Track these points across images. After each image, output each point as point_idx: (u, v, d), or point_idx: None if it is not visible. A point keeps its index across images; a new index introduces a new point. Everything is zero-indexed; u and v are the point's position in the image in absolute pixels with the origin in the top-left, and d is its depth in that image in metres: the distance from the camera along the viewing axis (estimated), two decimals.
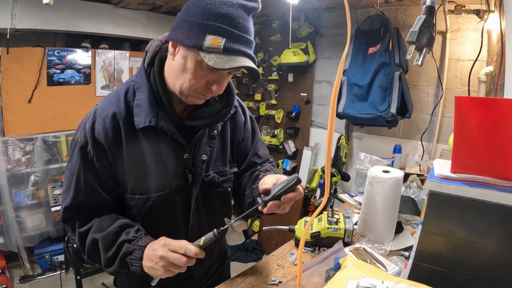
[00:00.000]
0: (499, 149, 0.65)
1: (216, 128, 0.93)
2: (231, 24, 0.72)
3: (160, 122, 0.82)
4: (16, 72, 2.43)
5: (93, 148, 0.81)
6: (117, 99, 0.84)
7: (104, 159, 0.83)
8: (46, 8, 2.14)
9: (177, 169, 0.88)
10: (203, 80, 0.77)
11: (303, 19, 2.81)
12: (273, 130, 3.35)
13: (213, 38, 0.70)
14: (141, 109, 0.82)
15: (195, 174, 0.91)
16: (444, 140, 2.26)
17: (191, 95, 0.80)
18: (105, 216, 0.86)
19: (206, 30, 0.70)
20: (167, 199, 0.88)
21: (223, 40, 0.70)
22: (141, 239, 0.80)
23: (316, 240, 1.14)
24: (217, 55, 0.71)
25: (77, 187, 0.83)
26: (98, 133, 0.81)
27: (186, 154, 0.88)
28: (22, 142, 2.54)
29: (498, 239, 0.66)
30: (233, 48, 0.72)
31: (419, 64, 0.89)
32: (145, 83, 0.83)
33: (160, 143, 0.85)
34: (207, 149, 0.92)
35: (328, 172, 0.65)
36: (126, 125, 0.82)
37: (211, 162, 0.94)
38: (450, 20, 2.12)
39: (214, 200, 0.97)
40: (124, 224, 0.83)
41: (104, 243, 0.81)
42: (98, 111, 0.83)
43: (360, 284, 0.68)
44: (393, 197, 1.16)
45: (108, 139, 0.81)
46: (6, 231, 2.51)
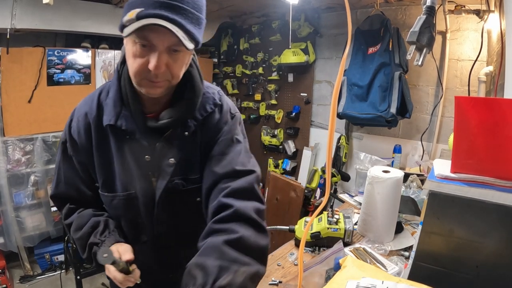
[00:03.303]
0: (499, 149, 0.65)
1: (188, 129, 0.84)
2: None
3: (119, 121, 0.80)
4: (16, 72, 2.42)
5: (70, 145, 0.87)
6: (92, 99, 0.86)
7: (79, 156, 0.87)
8: (46, 8, 2.14)
9: (140, 171, 0.84)
10: (140, 60, 0.72)
11: (303, 19, 2.81)
12: (273, 130, 3.35)
13: (130, 12, 0.68)
14: (108, 108, 0.82)
15: (159, 178, 0.85)
16: (444, 140, 2.26)
17: (140, 84, 0.76)
18: (83, 212, 0.91)
19: (129, 8, 0.69)
20: (132, 200, 0.87)
21: (139, 10, 0.67)
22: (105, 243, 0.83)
23: (316, 240, 1.15)
24: (131, 26, 0.67)
25: (59, 179, 0.92)
26: (73, 131, 0.85)
27: (147, 156, 0.83)
28: (22, 142, 2.54)
29: (498, 239, 0.67)
30: (145, 13, 0.66)
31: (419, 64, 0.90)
32: (115, 82, 0.83)
33: (124, 143, 0.83)
34: (176, 152, 0.84)
35: (329, 172, 0.65)
36: (96, 124, 0.83)
37: (180, 167, 0.85)
38: (450, 20, 2.12)
39: (178, 208, 0.89)
40: (96, 223, 0.87)
41: (79, 244, 0.88)
42: (76, 110, 0.88)
43: (360, 284, 0.68)
44: (393, 197, 1.16)
45: (81, 137, 0.85)
46: (6, 231, 2.50)
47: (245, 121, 3.59)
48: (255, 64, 3.41)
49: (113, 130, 0.82)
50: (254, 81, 3.45)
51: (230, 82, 3.69)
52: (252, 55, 3.40)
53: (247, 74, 3.49)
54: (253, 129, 3.58)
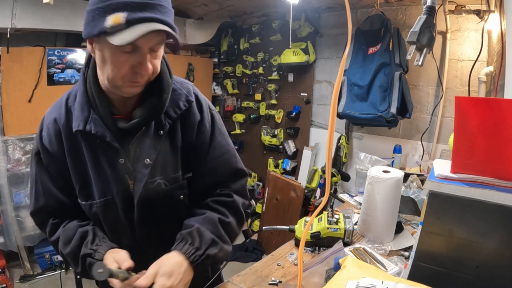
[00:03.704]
0: (499, 149, 0.65)
1: (163, 128, 0.82)
2: None
3: (88, 125, 0.77)
4: (16, 72, 2.43)
5: (43, 154, 0.83)
6: (60, 105, 0.83)
7: (54, 164, 0.83)
8: (47, 7, 2.14)
9: (115, 175, 0.82)
10: (126, 65, 0.70)
11: (303, 19, 2.81)
12: (273, 130, 3.35)
13: (113, 16, 0.64)
14: (76, 113, 0.79)
15: (135, 180, 0.82)
16: (444, 140, 2.26)
17: (121, 85, 0.74)
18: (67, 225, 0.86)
19: (105, 11, 0.65)
20: (110, 206, 0.84)
21: (124, 14, 0.64)
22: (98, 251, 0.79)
23: (316, 240, 1.15)
24: (121, 32, 0.64)
25: (37, 193, 0.86)
26: (44, 140, 0.82)
27: (121, 159, 0.81)
28: (22, 142, 2.54)
29: (498, 239, 0.66)
30: (136, 18, 0.64)
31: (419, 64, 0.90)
32: (81, 86, 0.80)
33: (96, 148, 0.80)
34: (152, 152, 0.82)
35: (329, 172, 0.65)
36: (66, 130, 0.81)
37: (158, 167, 0.84)
38: (450, 20, 2.12)
39: (163, 209, 0.87)
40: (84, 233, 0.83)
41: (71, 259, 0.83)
42: (45, 118, 0.85)
43: (360, 284, 0.68)
44: (393, 197, 1.16)
45: (52, 145, 0.82)
46: (6, 230, 2.51)
47: (245, 121, 3.60)
48: (255, 64, 3.42)
49: (84, 136, 0.79)
50: (254, 81, 3.45)
51: (230, 82, 3.69)
52: (252, 55, 3.40)
53: (247, 74, 3.49)
54: (253, 129, 3.58)
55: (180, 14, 3.07)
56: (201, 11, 2.94)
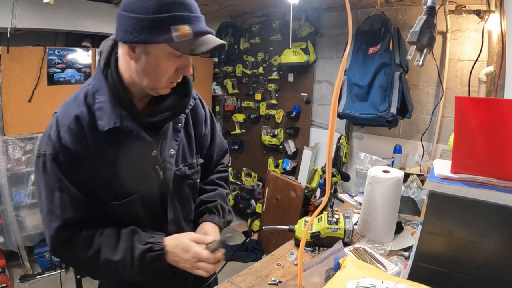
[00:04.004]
0: (499, 150, 0.65)
1: (180, 121, 0.93)
2: (187, 9, 0.72)
3: (124, 122, 0.79)
4: (16, 71, 2.43)
5: (65, 157, 0.77)
6: (77, 104, 0.80)
7: (77, 166, 0.79)
8: (47, 7, 2.14)
9: (148, 168, 0.87)
10: (173, 68, 0.78)
11: (304, 19, 2.81)
12: (273, 130, 3.35)
13: (180, 28, 0.70)
14: (104, 111, 0.78)
15: (165, 169, 0.90)
16: (444, 140, 2.26)
17: (162, 87, 0.81)
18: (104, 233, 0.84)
19: (168, 22, 0.70)
20: (144, 199, 0.87)
21: (189, 27, 0.71)
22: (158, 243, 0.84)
23: (316, 240, 1.15)
24: (189, 42, 0.72)
25: (62, 202, 0.78)
26: (65, 141, 0.77)
27: (154, 151, 0.86)
28: (22, 142, 2.54)
29: (498, 239, 0.67)
30: (200, 31, 0.73)
31: (419, 64, 0.90)
32: (104, 85, 0.80)
33: (126, 144, 0.82)
34: (174, 143, 0.91)
35: (329, 172, 0.65)
36: (90, 129, 0.79)
37: (179, 156, 0.94)
38: (450, 20, 2.12)
39: (186, 192, 0.99)
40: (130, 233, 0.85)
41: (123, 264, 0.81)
42: (60, 120, 0.79)
43: (360, 284, 0.68)
44: (393, 197, 1.16)
45: (76, 145, 0.78)
46: (6, 230, 2.51)
47: (245, 120, 3.59)
48: (255, 64, 3.41)
49: (115, 134, 0.79)
50: (254, 80, 3.45)
51: (230, 82, 3.69)
52: (253, 55, 3.40)
53: (247, 74, 3.49)
54: (253, 129, 3.58)
55: None
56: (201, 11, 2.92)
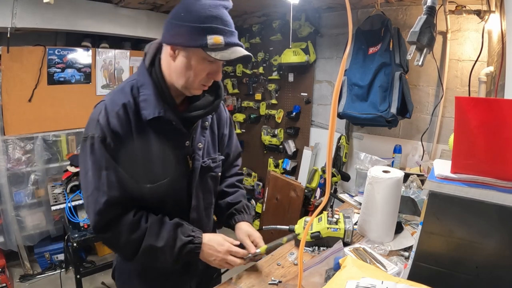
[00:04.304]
0: (499, 150, 0.65)
1: (207, 120, 1.06)
2: (223, 23, 0.85)
3: (167, 113, 0.90)
4: (17, 71, 2.43)
5: (112, 139, 0.86)
6: (124, 94, 0.91)
7: (124, 148, 0.88)
8: (47, 7, 2.14)
9: (180, 156, 0.99)
10: (205, 72, 0.90)
11: (304, 19, 2.81)
12: (273, 130, 3.35)
13: (214, 37, 0.83)
14: (148, 103, 0.90)
15: (194, 160, 1.02)
16: (444, 141, 2.26)
17: (195, 88, 0.92)
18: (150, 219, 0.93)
19: (206, 31, 0.83)
20: (173, 184, 0.97)
21: (222, 38, 0.84)
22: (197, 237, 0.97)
23: (316, 240, 1.15)
24: (221, 50, 0.84)
25: (109, 181, 0.86)
26: (114, 125, 0.87)
27: (187, 142, 0.99)
28: (22, 141, 2.54)
29: (498, 239, 0.67)
30: (230, 42, 0.86)
31: (419, 64, 0.90)
32: (148, 81, 0.92)
33: (165, 133, 0.94)
34: (202, 138, 1.03)
35: (329, 172, 0.65)
36: (135, 117, 0.90)
37: (205, 150, 1.06)
38: (450, 20, 2.12)
39: (209, 183, 1.10)
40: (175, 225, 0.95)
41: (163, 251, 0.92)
42: (109, 106, 0.88)
43: (359, 284, 0.68)
44: (393, 197, 1.16)
45: (124, 129, 0.88)
46: (6, 230, 2.51)
47: (246, 120, 3.59)
48: (255, 64, 3.41)
49: (156, 123, 0.90)
50: (254, 80, 3.45)
51: (230, 82, 3.69)
52: (253, 55, 3.38)
53: (247, 74, 3.48)
54: (253, 129, 3.58)
55: None
56: None
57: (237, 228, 1.14)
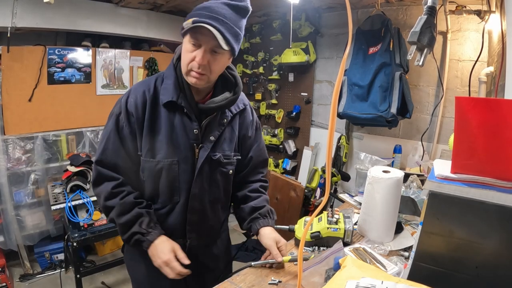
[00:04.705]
0: (499, 150, 0.65)
1: (226, 118, 1.10)
2: (207, 10, 0.91)
3: (179, 99, 1.02)
4: (17, 71, 2.42)
5: (125, 116, 1.03)
6: (149, 83, 1.06)
7: (130, 126, 1.03)
8: (47, 7, 2.14)
9: (186, 142, 1.05)
10: (190, 55, 0.96)
11: (304, 19, 2.81)
12: (273, 130, 3.35)
13: (189, 20, 0.91)
14: (167, 90, 1.03)
15: (201, 150, 1.07)
16: (444, 141, 2.26)
17: (187, 73, 0.99)
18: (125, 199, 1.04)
19: (189, 17, 0.92)
20: (174, 166, 1.05)
21: (193, 19, 0.90)
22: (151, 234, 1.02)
23: (316, 240, 1.15)
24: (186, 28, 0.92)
25: (106, 146, 1.05)
26: (130, 105, 1.03)
27: (196, 130, 1.05)
28: (22, 141, 2.54)
29: (498, 239, 0.67)
30: (198, 21, 0.90)
31: (420, 64, 0.90)
32: (172, 73, 1.05)
33: (176, 118, 1.04)
34: (216, 132, 1.08)
35: (329, 172, 0.65)
36: (152, 101, 1.03)
37: (218, 145, 1.10)
38: (451, 20, 2.12)
39: (217, 177, 1.12)
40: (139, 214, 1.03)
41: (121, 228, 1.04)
42: (132, 90, 1.06)
43: (359, 284, 0.68)
44: (393, 197, 1.16)
45: (137, 110, 1.02)
46: (6, 229, 2.51)
47: None
48: (255, 64, 3.41)
49: (170, 107, 1.03)
50: (254, 80, 3.45)
51: None
52: (253, 55, 3.40)
53: (247, 74, 3.49)
54: None
55: (180, 13, 3.06)
56: None
57: (262, 233, 1.12)
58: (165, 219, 1.09)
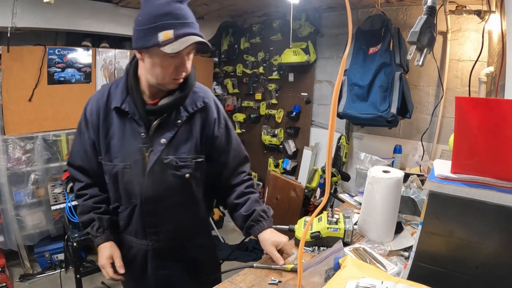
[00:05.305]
0: (499, 150, 0.65)
1: (181, 118, 1.07)
2: (173, 17, 0.90)
3: (124, 105, 1.04)
4: (17, 71, 2.42)
5: (84, 123, 1.10)
6: (104, 90, 1.10)
7: (88, 132, 1.09)
8: (47, 6, 2.14)
9: (136, 146, 1.05)
10: (171, 67, 0.96)
11: (304, 19, 2.81)
12: (273, 130, 3.35)
13: (164, 33, 0.89)
14: (116, 95, 1.06)
15: (151, 153, 1.05)
16: (445, 141, 2.26)
17: (167, 82, 0.99)
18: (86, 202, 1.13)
19: (157, 30, 0.90)
20: (127, 170, 1.07)
21: (172, 31, 0.89)
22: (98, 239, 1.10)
23: (316, 240, 1.15)
24: (172, 44, 0.90)
25: (72, 149, 1.18)
26: (88, 112, 1.09)
27: (143, 134, 1.05)
28: (22, 141, 2.54)
29: (498, 239, 0.67)
30: (180, 34, 0.90)
31: (420, 64, 0.90)
32: (124, 78, 1.07)
33: (126, 122, 1.06)
34: (168, 135, 1.06)
35: (329, 172, 0.65)
36: (104, 108, 1.07)
37: (172, 147, 1.07)
38: (451, 20, 2.12)
39: (171, 181, 1.09)
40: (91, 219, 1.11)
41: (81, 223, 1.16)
42: (91, 97, 1.13)
43: (359, 284, 0.68)
44: (393, 197, 1.16)
45: (92, 117, 1.08)
46: (6, 229, 2.51)
47: (246, 120, 3.59)
48: (255, 64, 3.41)
49: (118, 112, 1.05)
50: (254, 80, 3.45)
51: (230, 81, 3.69)
52: (253, 55, 3.40)
53: (247, 74, 3.49)
54: (253, 129, 3.58)
55: None
56: (202, 11, 2.94)
57: (261, 239, 1.11)
58: (128, 220, 1.13)
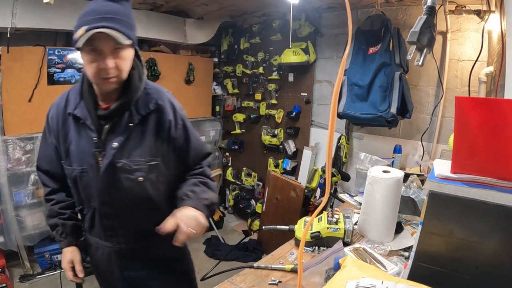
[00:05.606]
0: (499, 150, 0.65)
1: (133, 121, 1.05)
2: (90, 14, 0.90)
3: (76, 110, 1.05)
4: (17, 71, 2.42)
5: (47, 128, 1.13)
6: (63, 96, 1.11)
7: (50, 137, 1.12)
8: (47, 7, 2.14)
9: (89, 150, 1.05)
10: (94, 64, 0.93)
11: (304, 19, 2.81)
12: (273, 130, 3.35)
13: (79, 31, 0.89)
14: (71, 101, 1.08)
15: (104, 158, 1.05)
16: (444, 141, 2.26)
17: (98, 82, 0.99)
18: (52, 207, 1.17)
19: (76, 29, 0.91)
20: (84, 174, 1.08)
21: (85, 27, 0.88)
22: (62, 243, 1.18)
23: (316, 240, 1.15)
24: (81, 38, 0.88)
25: (39, 154, 1.20)
26: (49, 118, 1.12)
27: (95, 138, 1.04)
28: (22, 141, 2.54)
29: (498, 239, 0.67)
30: (91, 27, 0.87)
31: (419, 64, 0.90)
32: (80, 83, 1.08)
33: (80, 127, 1.06)
34: (120, 138, 1.04)
35: (329, 172, 0.65)
36: (62, 113, 1.09)
37: (125, 151, 1.05)
38: (450, 20, 2.12)
39: (125, 184, 1.07)
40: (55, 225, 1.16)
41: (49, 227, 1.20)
42: (52, 105, 1.14)
43: (359, 284, 0.68)
44: (393, 197, 1.16)
45: (53, 123, 1.10)
46: (6, 230, 2.51)
47: (246, 120, 3.59)
48: (255, 64, 3.41)
49: (73, 117, 1.06)
50: (254, 80, 3.45)
51: (230, 82, 3.69)
52: (253, 55, 3.40)
53: (247, 74, 3.49)
54: (253, 129, 3.58)
55: (180, 14, 3.06)
56: (202, 11, 2.94)
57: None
58: (92, 223, 1.15)
